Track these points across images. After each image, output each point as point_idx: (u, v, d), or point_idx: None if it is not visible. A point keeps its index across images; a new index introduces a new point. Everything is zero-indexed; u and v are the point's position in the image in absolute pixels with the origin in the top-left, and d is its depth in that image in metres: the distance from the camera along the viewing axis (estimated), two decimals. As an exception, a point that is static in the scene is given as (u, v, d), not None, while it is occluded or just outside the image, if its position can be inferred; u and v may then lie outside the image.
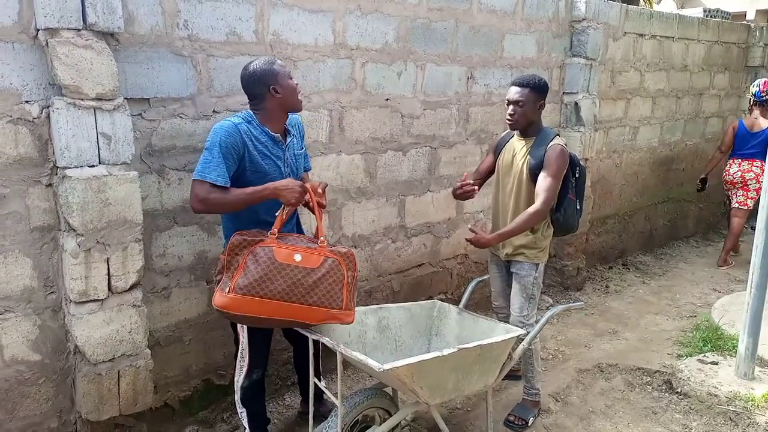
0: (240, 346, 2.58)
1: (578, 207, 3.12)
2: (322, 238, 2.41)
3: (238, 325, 2.56)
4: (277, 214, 2.43)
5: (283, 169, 2.56)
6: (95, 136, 2.38)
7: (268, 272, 2.27)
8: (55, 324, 2.56)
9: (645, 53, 5.58)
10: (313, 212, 2.52)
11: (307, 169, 2.83)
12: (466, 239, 2.99)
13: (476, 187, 2.96)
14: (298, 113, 2.69)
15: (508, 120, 3.00)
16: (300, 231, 2.80)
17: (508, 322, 3.16)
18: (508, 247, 3.11)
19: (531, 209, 2.91)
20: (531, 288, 3.09)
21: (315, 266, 2.33)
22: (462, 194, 2.99)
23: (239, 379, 2.61)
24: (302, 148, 2.73)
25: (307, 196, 2.46)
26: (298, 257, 2.32)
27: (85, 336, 2.48)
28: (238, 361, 2.60)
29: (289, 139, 2.60)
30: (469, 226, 2.98)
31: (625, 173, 5.78)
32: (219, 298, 2.28)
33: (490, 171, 3.28)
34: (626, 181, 5.82)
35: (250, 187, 2.41)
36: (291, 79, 2.51)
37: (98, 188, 2.39)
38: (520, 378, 3.41)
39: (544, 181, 2.91)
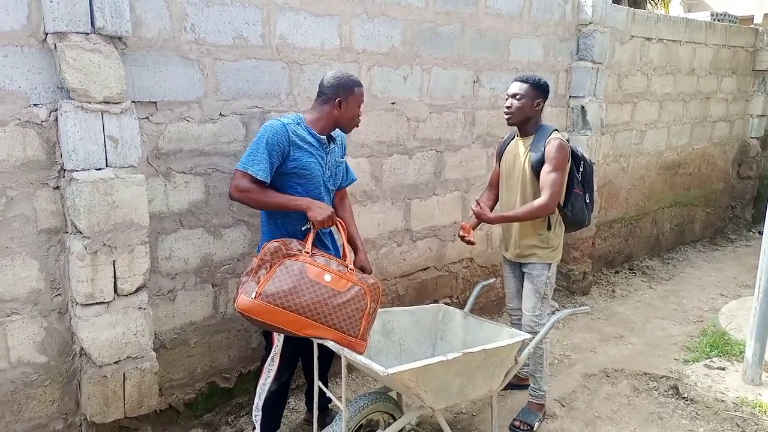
0: (272, 351, 2.57)
1: (587, 201, 3.11)
2: (351, 266, 2.48)
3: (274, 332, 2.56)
4: (303, 228, 2.52)
5: (324, 170, 2.65)
6: (102, 139, 2.40)
7: (297, 285, 2.31)
8: (62, 326, 2.57)
9: (652, 57, 5.56)
10: (340, 231, 2.64)
11: (352, 181, 2.92)
12: (472, 209, 2.99)
13: (474, 240, 3.06)
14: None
15: (506, 112, 3.04)
16: (334, 242, 2.83)
17: (521, 326, 3.15)
18: (519, 247, 3.12)
19: (537, 202, 2.93)
20: (544, 288, 3.10)
21: (342, 290, 2.37)
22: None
23: (266, 382, 2.59)
24: (343, 158, 2.84)
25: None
26: (327, 277, 2.37)
27: (91, 338, 2.50)
28: (266, 365, 2.58)
29: (332, 145, 2.71)
30: (476, 198, 2.98)
31: (632, 177, 5.76)
32: (243, 301, 2.29)
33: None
34: (633, 185, 5.80)
35: (288, 195, 2.53)
36: (359, 108, 2.65)
37: (105, 191, 2.41)
38: (525, 387, 3.39)
39: (547, 175, 2.93)
